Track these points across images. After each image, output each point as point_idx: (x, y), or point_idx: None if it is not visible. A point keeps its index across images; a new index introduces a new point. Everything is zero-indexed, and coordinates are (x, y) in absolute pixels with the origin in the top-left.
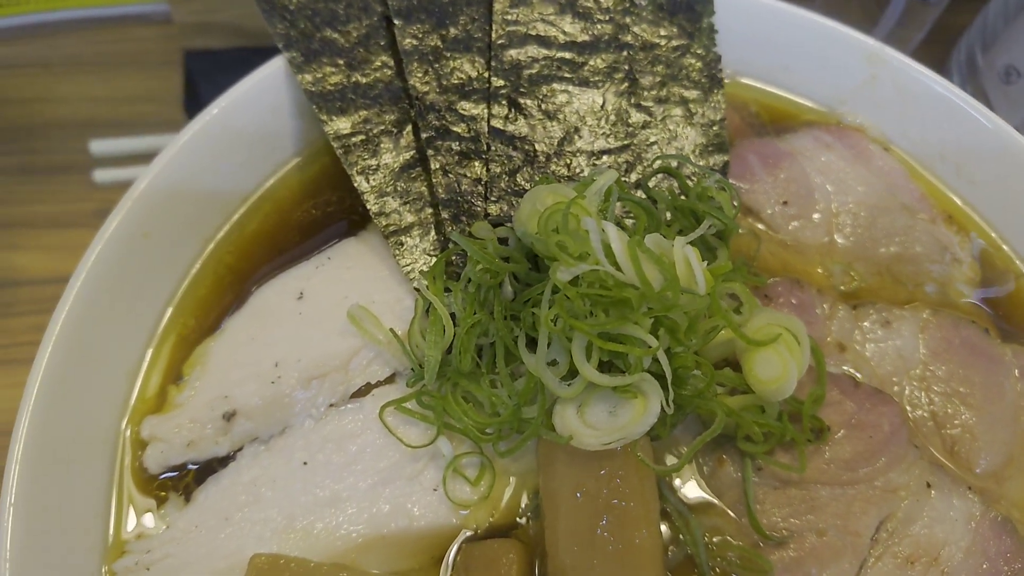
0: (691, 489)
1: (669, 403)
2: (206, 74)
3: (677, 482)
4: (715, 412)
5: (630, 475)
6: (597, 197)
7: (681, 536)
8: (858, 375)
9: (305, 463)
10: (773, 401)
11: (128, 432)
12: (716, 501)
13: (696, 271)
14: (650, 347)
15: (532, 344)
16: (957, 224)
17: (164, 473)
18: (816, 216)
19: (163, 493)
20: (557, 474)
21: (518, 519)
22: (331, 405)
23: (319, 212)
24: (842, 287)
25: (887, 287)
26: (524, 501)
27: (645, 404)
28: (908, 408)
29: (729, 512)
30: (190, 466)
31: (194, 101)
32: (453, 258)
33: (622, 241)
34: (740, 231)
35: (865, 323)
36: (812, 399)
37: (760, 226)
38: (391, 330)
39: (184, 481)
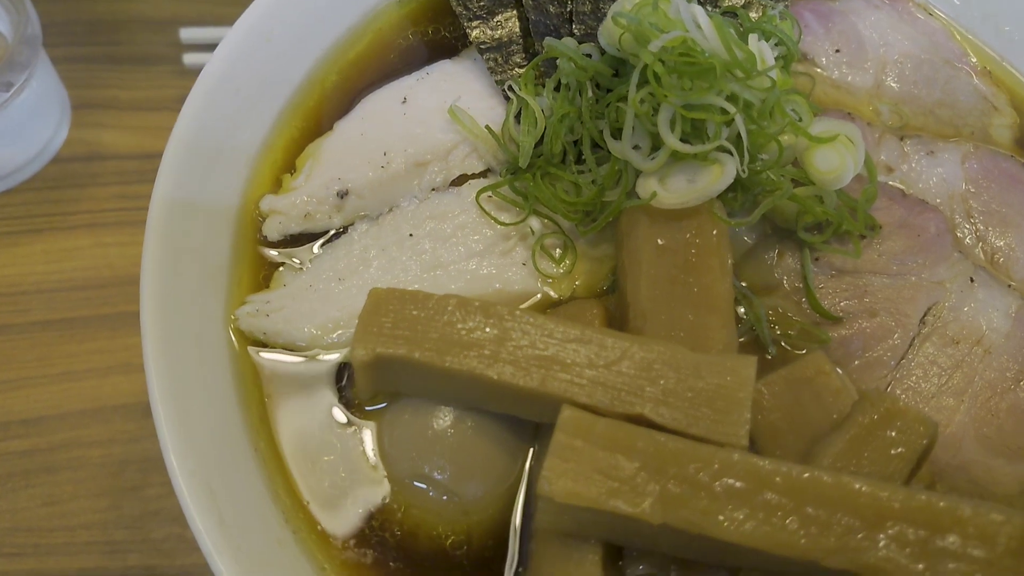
0: (753, 278)
1: (744, 167)
2: None
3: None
4: (781, 184)
5: (706, 230)
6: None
7: (744, 314)
8: (905, 189)
9: (411, 235)
10: (831, 191)
11: (247, 214)
12: (777, 286)
13: (769, 61)
14: (729, 113)
15: (615, 139)
16: (995, 78)
17: (282, 242)
18: (867, 64)
19: (281, 260)
20: (640, 234)
21: (598, 293)
22: (433, 189)
23: (416, 39)
24: (889, 123)
25: (931, 127)
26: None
27: (722, 168)
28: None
29: (790, 295)
30: (306, 240)
31: None
32: (541, 67)
33: (708, 17)
34: (798, 68)
35: (911, 152)
36: (865, 196)
37: (816, 70)
38: (487, 127)
39: (300, 250)
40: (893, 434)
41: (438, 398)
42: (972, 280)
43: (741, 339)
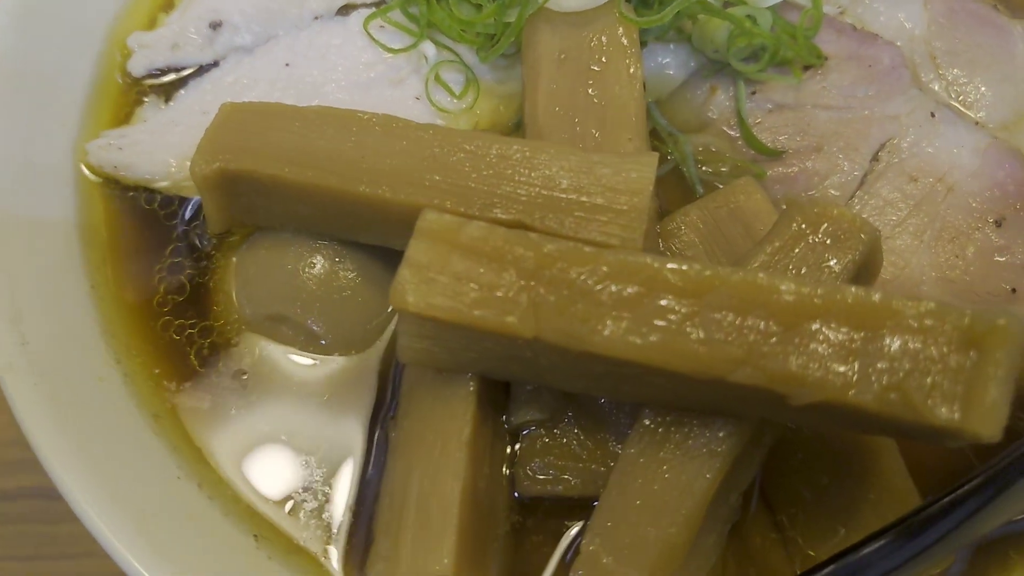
0: (681, 117)
1: None
2: None
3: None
4: None
5: (613, 33)
6: None
7: (669, 154)
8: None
9: (287, 64)
10: (764, 9)
11: (113, 51)
12: (709, 124)
13: None
14: None
15: None
16: None
17: (147, 77)
18: None
19: (144, 98)
20: (540, 43)
21: (504, 131)
22: (316, 18)
23: None
24: None
25: None
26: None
27: None
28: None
29: (725, 131)
30: (173, 75)
31: None
32: None
33: None
34: None
35: None
36: (806, 20)
37: None
38: None
39: (165, 87)
40: (826, 241)
41: (300, 228)
42: (933, 115)
43: (661, 173)
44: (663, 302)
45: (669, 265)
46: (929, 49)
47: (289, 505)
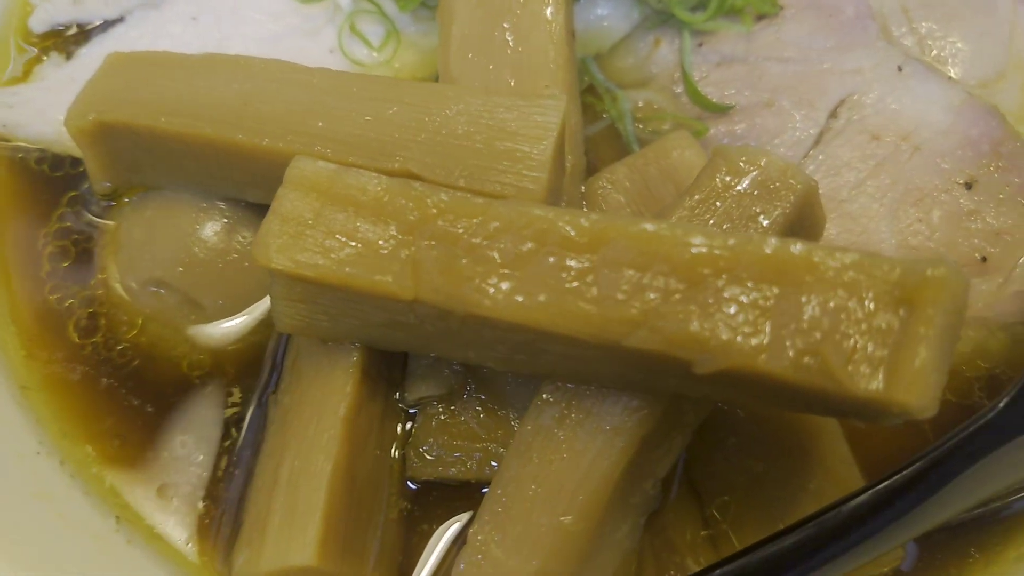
0: (623, 73)
1: None
2: None
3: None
4: None
5: None
6: None
7: (605, 113)
8: None
9: (194, 18)
10: None
11: (14, 7)
12: (651, 77)
13: None
14: None
15: None
16: None
17: (49, 33)
18: None
19: (44, 56)
20: None
21: None
22: None
23: None
24: None
25: None
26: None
27: None
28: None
29: (668, 87)
30: (76, 30)
31: None
32: None
33: None
34: None
35: None
36: None
37: None
38: None
39: (67, 43)
40: (753, 192)
41: (187, 186)
42: (901, 69)
43: (596, 130)
44: (554, 258)
45: (564, 216)
46: (901, 1)
47: (157, 487)
